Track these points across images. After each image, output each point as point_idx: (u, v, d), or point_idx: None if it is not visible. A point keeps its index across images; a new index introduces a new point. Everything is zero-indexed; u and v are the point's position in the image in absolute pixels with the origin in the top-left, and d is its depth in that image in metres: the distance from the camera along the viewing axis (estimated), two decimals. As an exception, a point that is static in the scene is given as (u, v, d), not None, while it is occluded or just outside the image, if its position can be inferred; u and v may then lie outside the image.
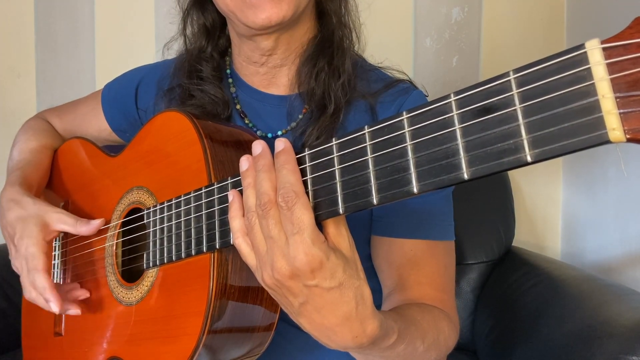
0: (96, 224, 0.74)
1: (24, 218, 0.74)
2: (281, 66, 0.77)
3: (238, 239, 0.51)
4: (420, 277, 0.72)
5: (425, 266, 0.73)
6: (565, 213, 1.57)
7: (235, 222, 0.51)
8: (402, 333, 0.55)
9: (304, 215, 0.45)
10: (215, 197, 0.56)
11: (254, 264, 0.50)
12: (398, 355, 0.57)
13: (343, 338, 0.49)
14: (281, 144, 0.48)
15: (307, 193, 0.47)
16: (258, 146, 0.50)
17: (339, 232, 0.48)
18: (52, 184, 0.91)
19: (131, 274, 0.74)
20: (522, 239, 1.55)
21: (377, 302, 0.76)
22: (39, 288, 0.70)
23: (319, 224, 0.48)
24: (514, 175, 1.55)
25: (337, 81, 0.74)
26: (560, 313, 0.96)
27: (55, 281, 0.84)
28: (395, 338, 0.54)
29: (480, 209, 1.40)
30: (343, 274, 0.46)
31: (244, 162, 0.50)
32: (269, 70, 0.78)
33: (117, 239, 0.75)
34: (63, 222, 0.74)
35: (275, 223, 0.46)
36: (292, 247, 0.45)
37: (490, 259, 1.37)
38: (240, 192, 0.51)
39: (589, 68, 0.31)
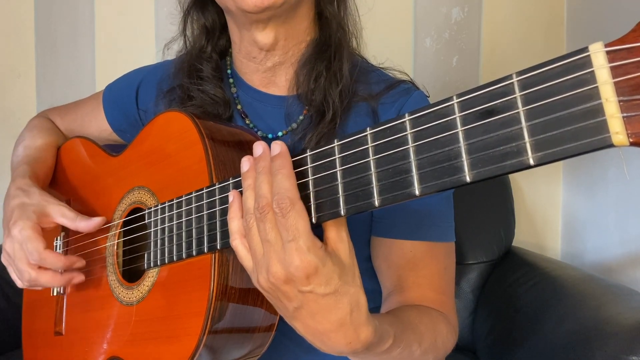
0: (96, 221, 0.74)
1: (25, 205, 0.74)
2: (280, 64, 0.77)
3: (235, 241, 0.51)
4: (419, 279, 0.72)
5: (424, 267, 0.73)
6: (565, 213, 1.57)
7: (234, 223, 0.51)
8: (397, 337, 0.55)
9: (299, 222, 0.45)
10: (217, 197, 0.56)
11: (251, 266, 0.51)
12: (394, 359, 0.57)
13: (337, 343, 0.49)
14: (277, 147, 0.48)
15: (309, 194, 0.47)
16: (259, 147, 0.50)
17: (340, 238, 0.48)
18: (54, 182, 0.91)
19: (132, 273, 0.74)
20: (522, 239, 1.55)
21: (378, 303, 0.77)
22: (50, 263, 0.71)
23: (320, 226, 0.48)
24: (514, 176, 1.55)
25: (336, 88, 0.74)
26: (560, 313, 0.96)
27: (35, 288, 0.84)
28: (390, 343, 0.54)
29: (480, 209, 1.40)
30: (339, 281, 0.47)
31: (245, 163, 0.51)
32: (268, 68, 0.78)
33: (118, 239, 0.75)
34: (63, 215, 0.74)
35: (272, 227, 0.46)
36: (288, 253, 0.45)
37: (490, 259, 1.38)
38: (241, 192, 0.51)
39: (593, 71, 0.31)
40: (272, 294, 0.50)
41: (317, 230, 0.47)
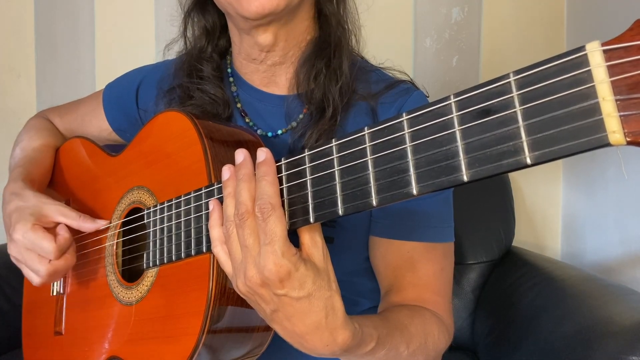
0: (101, 223, 0.74)
1: (22, 208, 0.74)
2: (280, 64, 0.77)
3: (216, 248, 0.53)
4: (415, 279, 0.72)
5: (421, 268, 0.73)
6: (565, 213, 1.57)
7: (215, 230, 0.53)
8: (382, 340, 0.57)
9: (277, 227, 0.46)
10: (215, 197, 0.56)
11: (231, 271, 0.52)
12: (379, 359, 0.58)
13: (314, 345, 0.51)
14: (262, 154, 0.49)
15: (307, 194, 0.47)
16: (240, 155, 0.51)
17: (314, 243, 0.50)
18: (53, 183, 0.91)
19: (131, 273, 0.74)
20: (522, 239, 1.55)
21: (377, 302, 0.77)
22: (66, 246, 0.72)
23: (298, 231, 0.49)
24: (514, 175, 1.55)
25: (336, 85, 0.74)
26: (560, 313, 0.96)
27: (54, 281, 0.84)
28: (373, 345, 0.55)
29: (480, 209, 1.40)
30: (312, 285, 0.48)
31: (226, 171, 0.52)
32: (268, 68, 0.78)
33: (117, 239, 0.75)
34: (63, 214, 0.73)
35: (250, 233, 0.48)
36: (263, 257, 0.47)
37: (490, 259, 1.37)
38: (221, 200, 0.53)
39: (590, 70, 0.30)
40: (250, 298, 0.52)
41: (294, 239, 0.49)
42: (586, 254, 1.43)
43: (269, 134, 0.78)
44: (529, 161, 0.33)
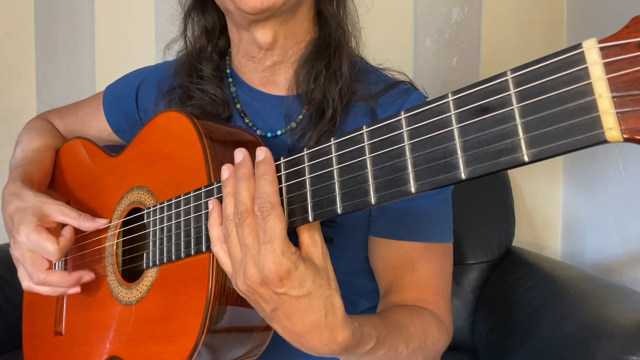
0: (101, 222, 0.75)
1: (23, 209, 0.74)
2: (280, 63, 0.77)
3: (216, 247, 0.53)
4: (414, 279, 0.72)
5: (420, 268, 0.73)
6: (565, 213, 1.57)
7: (214, 230, 0.53)
8: (381, 339, 0.57)
9: (277, 226, 0.46)
10: (215, 197, 0.56)
11: (230, 270, 0.52)
12: (378, 359, 0.58)
13: (313, 344, 0.51)
14: (261, 153, 0.50)
15: (305, 193, 0.47)
16: (239, 154, 0.51)
17: (313, 242, 0.50)
18: (53, 183, 0.91)
19: (131, 273, 0.74)
20: (522, 239, 1.55)
21: (376, 302, 0.77)
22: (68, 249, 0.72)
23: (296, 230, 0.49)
24: (514, 175, 1.55)
25: (336, 86, 0.74)
26: (560, 313, 0.96)
27: (42, 292, 0.84)
28: (372, 344, 0.55)
29: (480, 209, 1.40)
30: (312, 284, 0.48)
31: (225, 171, 0.52)
32: (267, 67, 0.78)
33: (117, 239, 0.75)
34: (63, 213, 0.74)
35: (250, 232, 0.48)
36: (263, 256, 0.47)
37: (490, 259, 1.37)
38: (221, 200, 0.53)
39: (586, 67, 0.31)
40: (250, 297, 0.52)
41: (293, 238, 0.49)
42: (586, 254, 1.43)
43: (269, 135, 0.78)
44: (526, 158, 0.33)
